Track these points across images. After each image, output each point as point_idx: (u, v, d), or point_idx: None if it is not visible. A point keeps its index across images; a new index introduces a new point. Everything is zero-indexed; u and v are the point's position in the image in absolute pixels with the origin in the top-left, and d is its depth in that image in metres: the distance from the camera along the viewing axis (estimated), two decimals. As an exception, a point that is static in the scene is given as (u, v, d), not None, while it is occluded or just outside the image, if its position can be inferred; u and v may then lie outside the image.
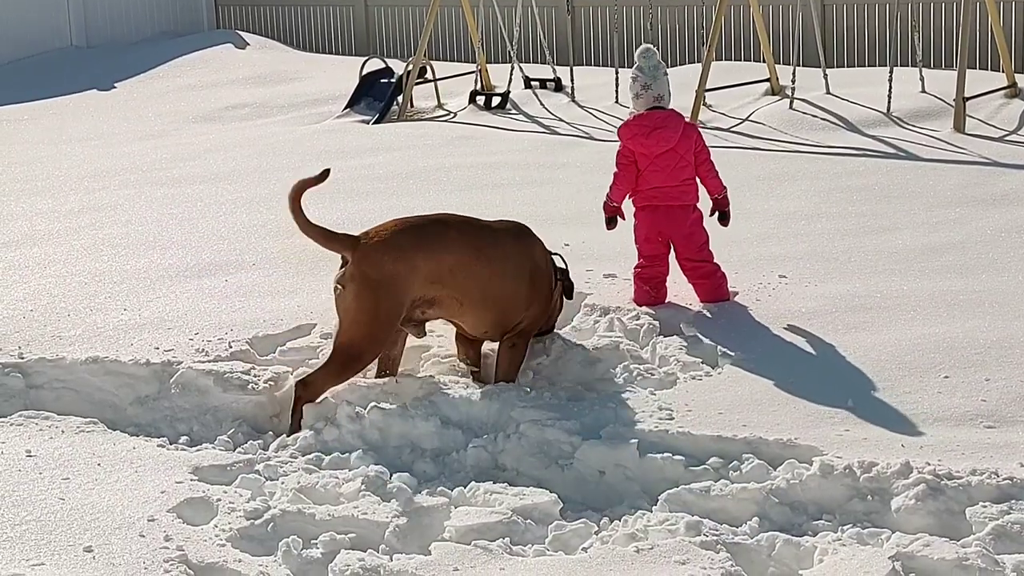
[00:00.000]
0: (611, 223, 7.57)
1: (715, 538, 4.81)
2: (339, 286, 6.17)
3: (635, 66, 7.49)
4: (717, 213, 7.62)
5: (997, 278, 7.74)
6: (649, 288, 7.42)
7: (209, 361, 6.61)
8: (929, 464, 5.29)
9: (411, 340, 6.84)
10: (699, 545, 4.74)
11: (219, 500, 5.16)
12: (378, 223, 6.47)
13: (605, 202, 7.57)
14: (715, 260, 7.49)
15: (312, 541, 4.89)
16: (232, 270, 8.35)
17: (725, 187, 7.60)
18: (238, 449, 5.95)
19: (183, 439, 6.09)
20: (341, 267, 6.23)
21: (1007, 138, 11.55)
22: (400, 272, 6.15)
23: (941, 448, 5.51)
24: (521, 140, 12.77)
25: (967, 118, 11.77)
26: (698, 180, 7.52)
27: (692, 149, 7.45)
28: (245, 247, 8.92)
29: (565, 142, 12.57)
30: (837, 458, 5.40)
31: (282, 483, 5.39)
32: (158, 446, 5.85)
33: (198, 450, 5.87)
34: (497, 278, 6.40)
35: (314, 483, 5.39)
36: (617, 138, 7.58)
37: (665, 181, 7.37)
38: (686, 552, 4.68)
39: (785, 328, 7.02)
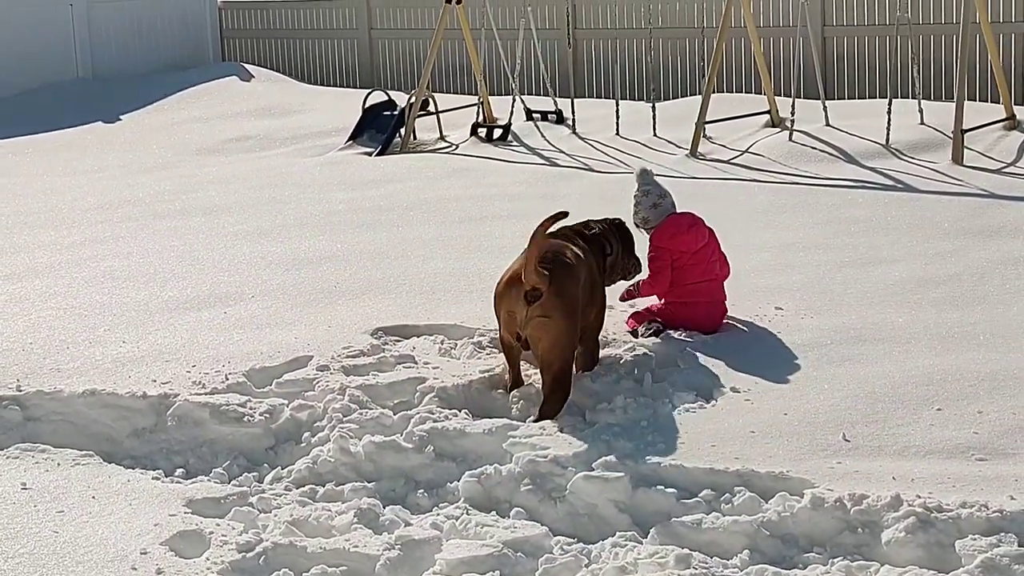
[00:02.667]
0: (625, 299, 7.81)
1: (704, 571, 4.83)
2: (544, 318, 6.38)
3: (641, 183, 7.79)
4: None
5: (991, 311, 7.77)
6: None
7: (206, 393, 6.64)
8: (919, 497, 5.31)
9: (406, 373, 6.90)
10: (688, 577, 4.76)
11: (211, 533, 5.19)
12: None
13: (630, 290, 7.73)
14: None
15: (303, 574, 4.92)
16: (231, 302, 8.40)
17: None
18: (233, 481, 5.98)
19: (179, 471, 6.13)
20: (529, 301, 6.38)
21: (1005, 170, 11.60)
22: (578, 296, 6.56)
23: (932, 481, 5.52)
24: (522, 172, 12.84)
25: (965, 150, 11.82)
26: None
27: (719, 245, 7.77)
28: (245, 279, 8.97)
29: (565, 174, 12.63)
30: (828, 491, 5.42)
31: (275, 516, 5.43)
32: (153, 478, 5.88)
33: (193, 482, 5.90)
34: (599, 288, 6.99)
35: (307, 516, 5.42)
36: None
37: (704, 275, 7.60)
38: (675, 585, 4.70)
39: (780, 360, 7.04)
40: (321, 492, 5.79)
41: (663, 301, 7.64)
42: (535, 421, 6.31)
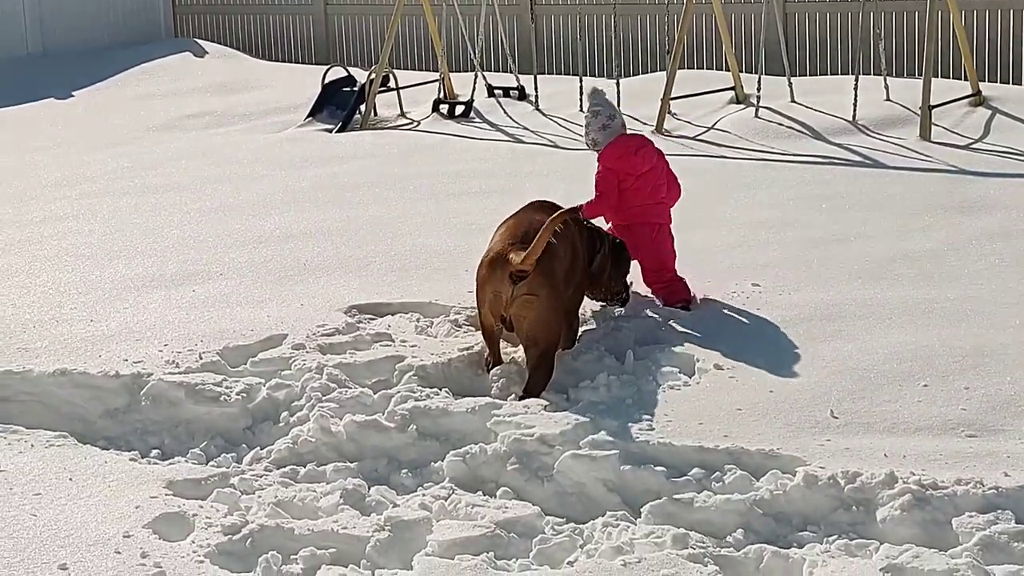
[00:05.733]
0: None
1: (702, 551, 4.75)
2: (531, 296, 6.27)
3: (592, 104, 7.74)
4: None
5: (970, 286, 7.73)
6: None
7: (180, 373, 6.50)
8: (914, 474, 5.25)
9: (384, 352, 6.78)
10: (687, 558, 4.68)
11: (195, 515, 5.06)
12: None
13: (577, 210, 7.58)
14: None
15: (292, 557, 4.80)
16: (199, 280, 8.24)
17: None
18: (211, 463, 5.85)
19: (154, 452, 5.99)
20: (514, 281, 6.26)
21: (973, 146, 11.59)
22: (562, 274, 6.49)
23: (925, 458, 5.47)
24: (485, 149, 12.70)
25: (933, 126, 11.79)
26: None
27: (666, 167, 7.71)
28: (211, 257, 8.80)
29: (529, 151, 12.51)
30: (820, 468, 5.35)
31: (259, 497, 5.30)
32: (130, 460, 5.74)
33: (171, 464, 5.76)
34: (580, 263, 6.85)
35: (291, 497, 5.30)
36: (591, 152, 7.76)
37: (649, 198, 7.54)
38: (674, 565, 4.62)
39: (761, 337, 6.98)
40: (303, 472, 5.67)
41: (609, 226, 7.57)
42: (519, 399, 6.20)
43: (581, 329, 7.04)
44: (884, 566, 4.53)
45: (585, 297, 7.14)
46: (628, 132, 7.74)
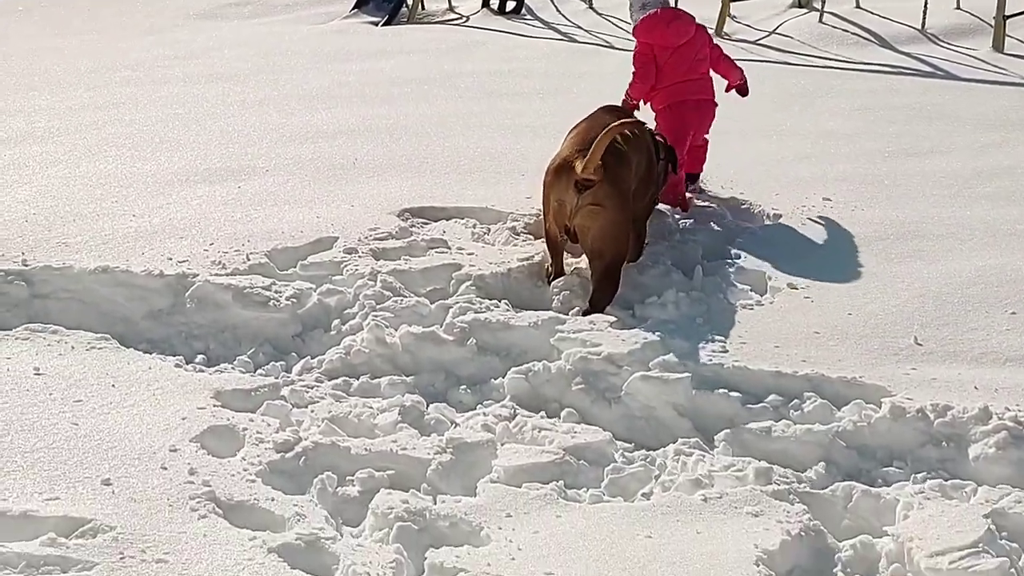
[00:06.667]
0: None
1: (787, 487, 4.43)
2: (597, 206, 5.94)
3: None
4: (736, 91, 7.62)
5: (1053, 207, 7.36)
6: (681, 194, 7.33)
7: (227, 274, 6.18)
8: (1009, 409, 4.91)
9: (440, 259, 6.45)
10: (771, 495, 4.36)
11: (245, 429, 4.76)
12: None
13: (624, 100, 7.41)
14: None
15: (348, 478, 4.51)
16: (244, 176, 7.91)
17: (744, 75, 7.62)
18: (259, 371, 5.55)
19: (199, 358, 5.68)
20: (580, 190, 5.91)
21: (1049, 59, 11.12)
22: (631, 185, 6.15)
23: (1019, 392, 5.13)
24: (538, 47, 12.27)
25: (1007, 37, 11.29)
26: (714, 74, 7.51)
27: (708, 43, 7.48)
28: (257, 152, 8.47)
29: (584, 50, 12.08)
30: (907, 399, 5.03)
31: (311, 411, 4.99)
32: (175, 366, 5.43)
33: (218, 371, 5.46)
34: (654, 170, 6.57)
35: (346, 412, 4.99)
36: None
37: (687, 75, 7.30)
38: (758, 503, 4.30)
39: (836, 255, 6.63)
40: (355, 385, 5.37)
41: (655, 116, 7.37)
42: (583, 314, 5.88)
43: (647, 242, 6.69)
44: (987, 512, 4.20)
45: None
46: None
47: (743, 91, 7.58)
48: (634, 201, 6.24)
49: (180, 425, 4.74)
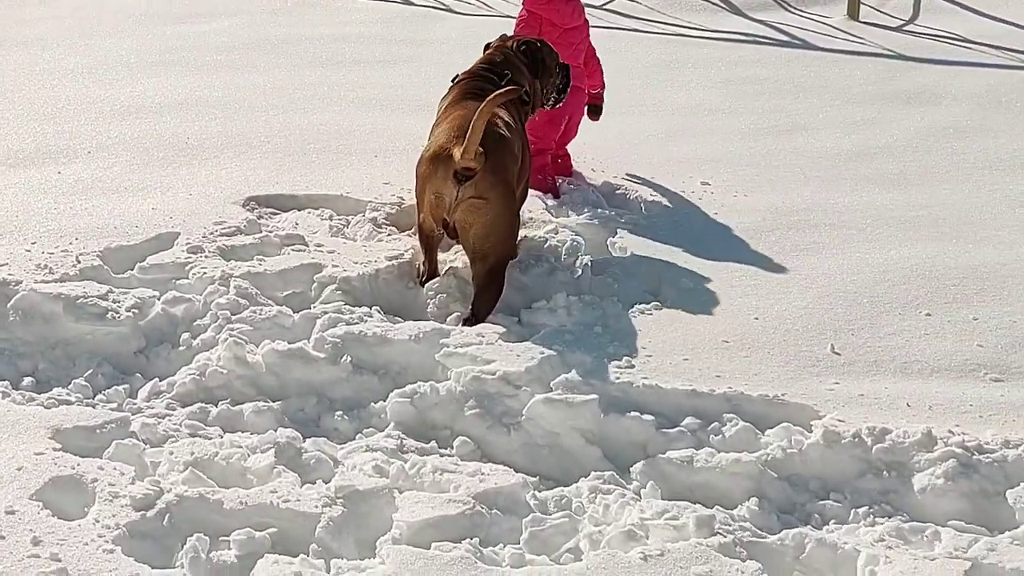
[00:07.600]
0: None
1: (732, 537, 3.89)
2: (479, 200, 5.30)
3: None
4: (588, 107, 7.15)
5: (939, 190, 7.02)
6: (550, 177, 6.85)
7: (56, 281, 5.39)
8: (953, 433, 4.47)
9: (298, 258, 5.76)
10: (718, 549, 3.81)
11: (95, 480, 4.02)
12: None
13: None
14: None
15: (222, 538, 3.83)
16: (64, 159, 7.06)
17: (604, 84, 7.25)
18: (100, 396, 4.80)
19: (27, 381, 4.89)
20: (459, 181, 5.27)
21: (906, 28, 10.78)
22: (515, 174, 5.61)
23: (955, 409, 4.70)
24: (374, 10, 11.49)
25: (861, 5, 10.94)
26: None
27: (588, 36, 7.13)
28: (75, 130, 7.59)
29: (425, 15, 11.34)
30: (839, 421, 4.56)
31: (170, 453, 4.28)
32: (1, 395, 4.64)
33: (52, 400, 4.67)
34: (527, 158, 5.96)
35: (211, 454, 4.28)
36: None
37: (569, 60, 6.73)
38: (706, 560, 3.75)
39: (728, 249, 6.13)
40: (215, 413, 4.67)
41: None
42: (466, 322, 5.26)
43: (521, 232, 6.07)
44: (967, 568, 3.70)
45: None
46: None
47: (597, 104, 7.15)
48: (519, 194, 5.64)
49: (16, 478, 3.99)
